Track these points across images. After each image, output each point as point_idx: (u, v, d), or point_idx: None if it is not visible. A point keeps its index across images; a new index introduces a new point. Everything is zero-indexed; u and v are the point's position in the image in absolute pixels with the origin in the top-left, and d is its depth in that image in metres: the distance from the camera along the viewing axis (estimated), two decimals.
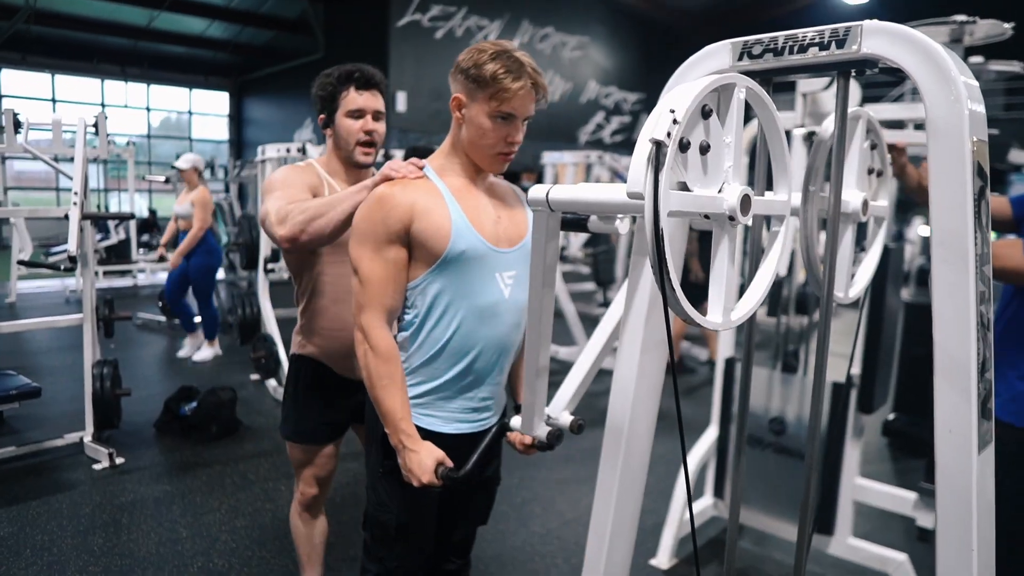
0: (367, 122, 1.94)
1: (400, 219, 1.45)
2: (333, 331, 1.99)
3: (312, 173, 1.96)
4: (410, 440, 1.46)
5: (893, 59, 0.97)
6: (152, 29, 15.08)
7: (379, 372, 1.47)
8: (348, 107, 1.93)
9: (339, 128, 1.95)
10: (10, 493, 3.29)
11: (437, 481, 1.43)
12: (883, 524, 3.17)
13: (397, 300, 1.50)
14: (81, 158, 3.80)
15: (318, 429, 2.08)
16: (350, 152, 1.95)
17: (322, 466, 2.12)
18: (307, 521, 2.21)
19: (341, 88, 1.94)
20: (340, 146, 1.96)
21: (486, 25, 13.49)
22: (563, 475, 3.76)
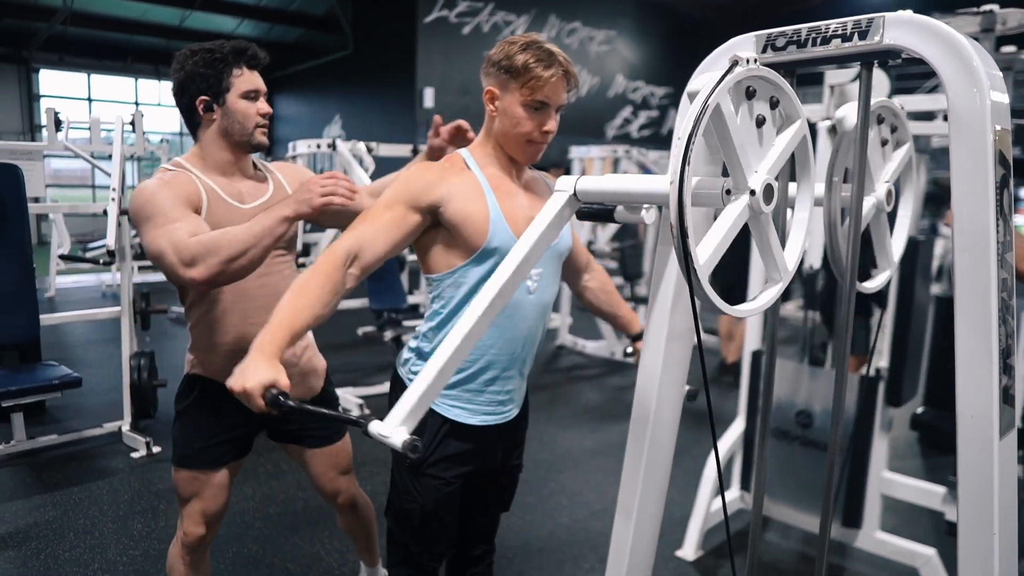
0: (263, 104, 1.78)
1: (427, 189, 1.47)
2: (228, 345, 1.77)
3: (184, 181, 1.69)
4: (270, 346, 1.23)
5: (915, 49, 0.98)
6: (184, 28, 15.32)
7: (299, 280, 1.35)
8: (242, 88, 1.74)
9: (232, 111, 1.73)
10: (53, 479, 3.40)
11: (260, 400, 1.17)
12: (911, 518, 3.15)
13: (375, 247, 1.43)
14: (119, 155, 3.90)
15: (207, 451, 1.84)
16: (249, 135, 1.75)
17: (211, 499, 1.86)
18: (188, 565, 1.93)
19: (232, 66, 1.73)
20: (234, 131, 1.74)
21: (513, 20, 13.49)
22: (590, 467, 3.79)
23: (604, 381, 5.52)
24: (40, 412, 4.26)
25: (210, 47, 1.73)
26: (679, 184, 0.87)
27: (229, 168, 1.78)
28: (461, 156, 1.58)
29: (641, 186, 1.09)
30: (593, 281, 1.88)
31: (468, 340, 1.18)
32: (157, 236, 1.57)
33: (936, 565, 2.58)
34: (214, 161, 1.76)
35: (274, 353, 1.23)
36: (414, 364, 1.61)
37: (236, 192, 1.76)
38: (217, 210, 1.70)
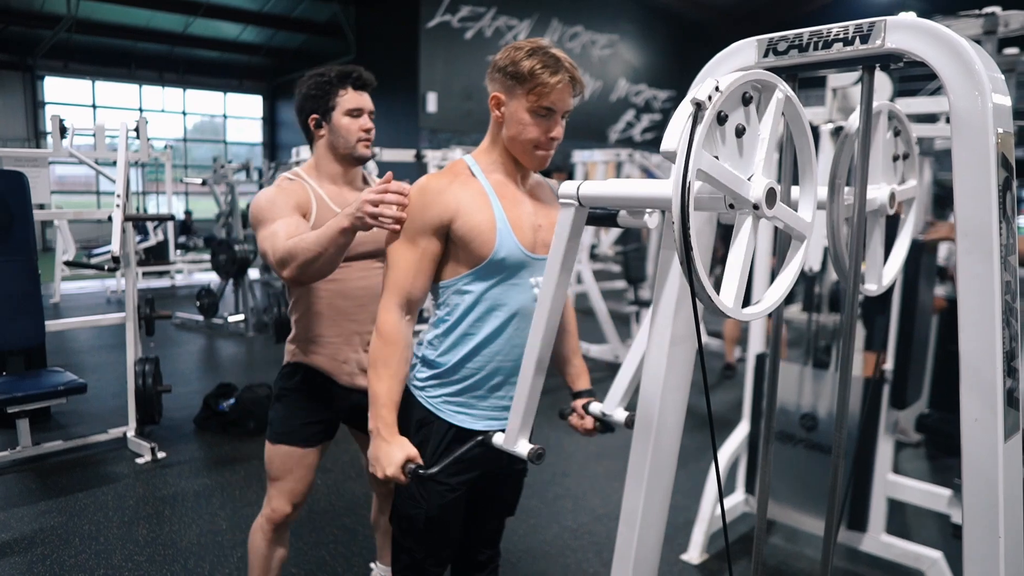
0: (366, 120, 1.97)
1: (439, 214, 1.48)
2: (329, 337, 1.99)
3: (298, 189, 1.93)
4: (387, 430, 1.46)
5: (916, 53, 0.99)
6: (187, 35, 15.39)
7: (375, 354, 1.50)
8: (346, 106, 1.95)
9: (337, 127, 1.95)
10: (58, 485, 3.41)
11: (403, 477, 1.43)
12: (917, 521, 3.14)
13: (419, 289, 1.52)
14: (123, 162, 3.92)
15: (303, 429, 2.02)
16: (352, 148, 1.95)
17: (301, 479, 2.03)
18: (271, 542, 2.09)
19: (339, 87, 1.95)
20: (339, 145, 1.96)
21: (516, 25, 13.52)
22: (595, 471, 3.79)
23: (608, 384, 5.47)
24: (45, 418, 4.27)
25: (322, 72, 1.96)
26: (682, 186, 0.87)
27: (338, 178, 1.99)
28: (465, 163, 1.58)
29: (644, 191, 1.09)
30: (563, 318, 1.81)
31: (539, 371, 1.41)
32: (264, 238, 1.83)
33: (942, 568, 2.57)
34: (325, 172, 1.98)
35: (393, 433, 1.47)
36: (419, 371, 1.61)
37: (342, 200, 1.95)
38: (323, 215, 1.89)
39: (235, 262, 6.43)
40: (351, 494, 3.40)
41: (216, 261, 6.68)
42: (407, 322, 1.52)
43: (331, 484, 3.50)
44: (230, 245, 6.53)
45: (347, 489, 3.46)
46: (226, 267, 6.54)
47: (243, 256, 6.43)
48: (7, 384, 3.34)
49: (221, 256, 6.58)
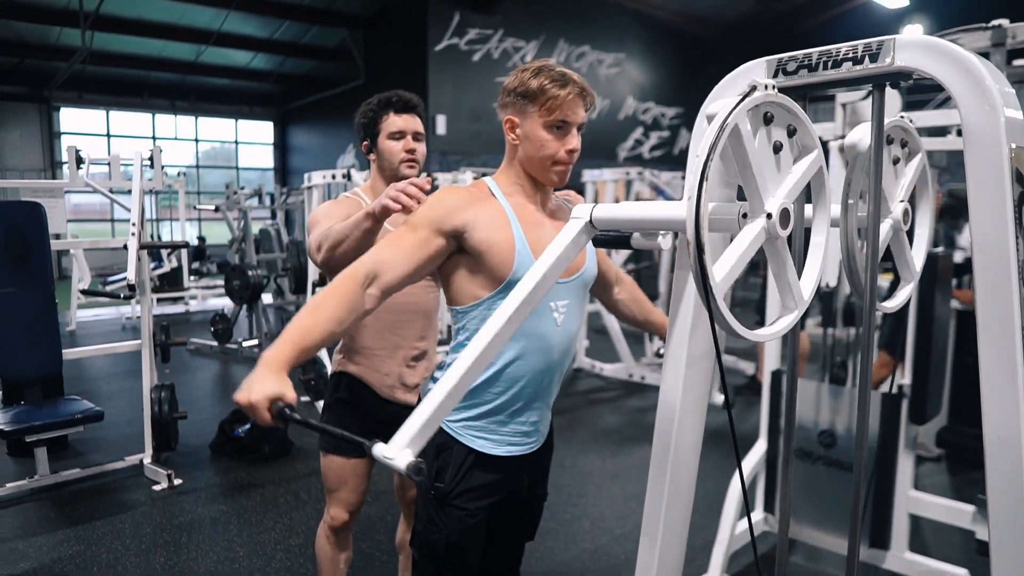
0: (408, 142, 2.06)
1: (449, 214, 1.47)
2: (375, 350, 2.07)
3: (352, 204, 2.04)
4: (275, 362, 1.23)
5: (926, 71, 0.99)
6: (199, 63, 15.60)
7: (314, 298, 1.35)
8: (389, 130, 2.05)
9: (382, 150, 2.06)
10: (76, 513, 3.42)
11: (266, 414, 1.19)
12: (940, 538, 3.09)
13: (395, 266, 1.42)
14: (138, 190, 3.96)
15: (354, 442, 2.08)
16: (395, 168, 2.05)
17: (354, 488, 2.12)
18: (334, 545, 2.20)
19: (381, 113, 2.06)
20: (384, 166, 2.07)
21: (523, 46, 13.63)
22: (611, 490, 3.76)
23: (622, 403, 5.49)
24: (63, 446, 4.29)
25: (369, 101, 2.09)
26: (696, 202, 0.87)
27: None
28: (486, 184, 1.59)
29: (657, 213, 1.10)
30: (623, 293, 1.89)
31: (476, 365, 1.17)
32: (312, 236, 1.95)
33: None
34: (378, 192, 2.04)
35: (280, 367, 1.23)
36: None
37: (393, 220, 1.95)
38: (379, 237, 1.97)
39: (249, 287, 6.47)
40: (366, 518, 3.39)
41: (230, 286, 6.72)
42: (363, 290, 1.38)
43: None
44: (244, 271, 6.57)
45: (363, 513, 3.44)
46: (240, 292, 6.58)
47: (257, 281, 6.47)
48: (26, 413, 3.36)
49: (235, 281, 6.62)
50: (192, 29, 13.87)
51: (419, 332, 2.12)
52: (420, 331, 2.13)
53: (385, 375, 2.08)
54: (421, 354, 2.14)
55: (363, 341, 2.08)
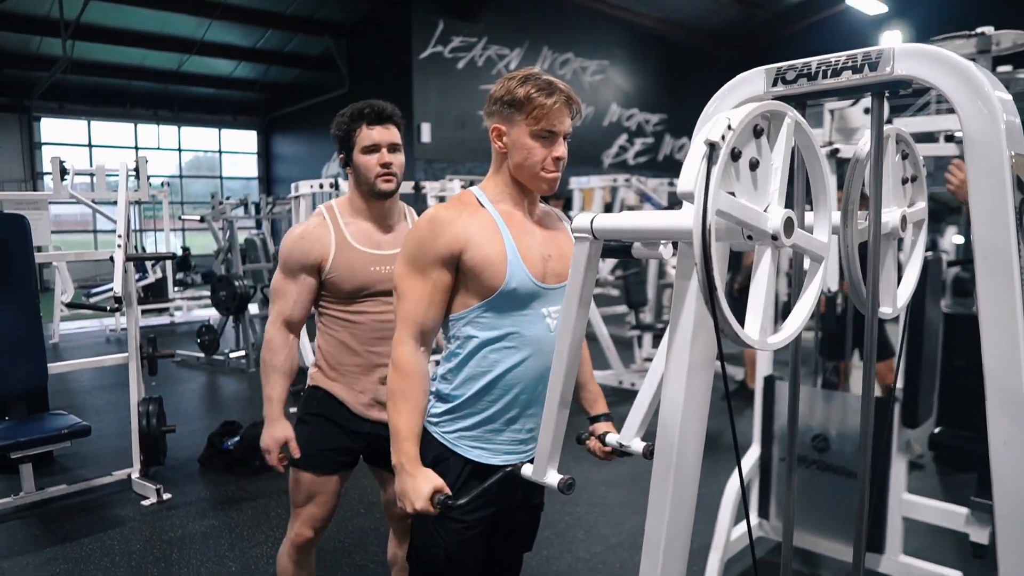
0: (383, 155, 1.98)
1: (449, 245, 1.48)
2: (351, 367, 2.03)
3: (320, 235, 1.98)
4: (410, 463, 1.46)
5: (926, 79, 0.99)
6: (182, 72, 15.52)
7: (393, 387, 1.50)
8: (363, 143, 1.98)
9: (357, 164, 1.99)
10: (63, 531, 3.37)
11: (433, 509, 1.43)
12: (934, 540, 3.11)
13: (432, 320, 1.53)
14: (124, 202, 3.93)
15: (325, 456, 2.05)
16: (371, 183, 1.98)
17: (322, 504, 2.07)
18: (296, 563, 2.14)
19: (354, 126, 1.99)
20: (361, 180, 2.00)
21: (507, 54, 13.67)
22: (605, 499, 3.75)
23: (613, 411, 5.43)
24: (48, 462, 4.23)
25: (343, 112, 2.02)
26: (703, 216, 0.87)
27: (366, 214, 2.04)
28: (473, 194, 1.59)
29: (659, 223, 1.09)
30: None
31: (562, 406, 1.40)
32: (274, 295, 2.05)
33: None
34: (356, 207, 2.04)
35: (417, 466, 1.46)
36: (434, 406, 1.60)
37: (369, 239, 2.01)
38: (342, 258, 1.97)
39: (235, 298, 6.42)
40: (360, 530, 3.36)
41: (216, 297, 6.67)
42: (422, 354, 1.53)
43: (340, 520, 3.45)
44: (230, 281, 6.52)
45: (356, 525, 3.42)
46: (226, 303, 6.53)
47: (243, 292, 6.42)
48: (10, 429, 3.31)
49: (221, 292, 6.57)
50: (175, 38, 13.80)
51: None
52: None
53: (360, 392, 2.03)
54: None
55: (339, 358, 2.04)
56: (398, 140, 2.02)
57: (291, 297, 2.00)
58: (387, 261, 1.99)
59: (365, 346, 2.01)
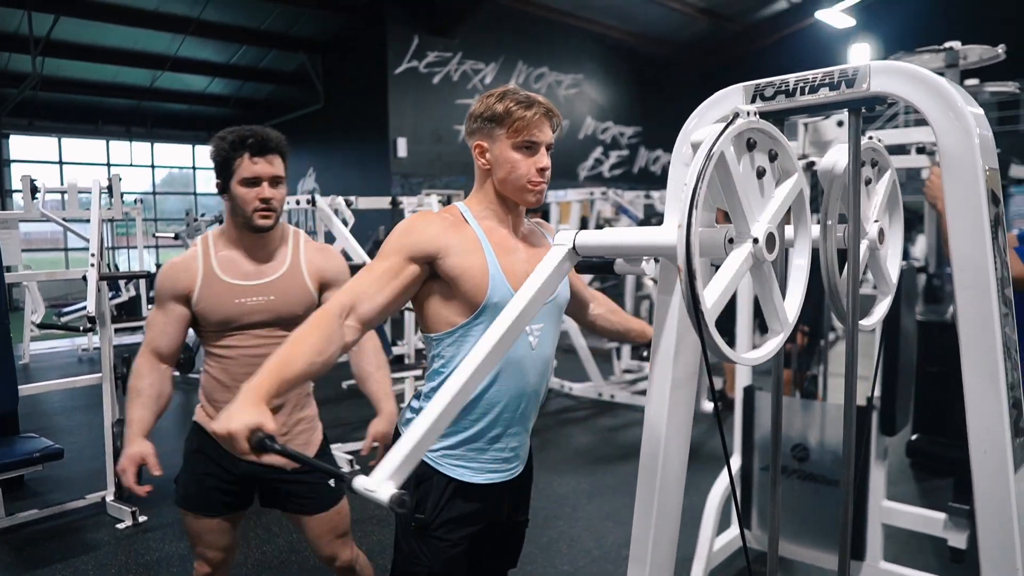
0: (263, 190, 1.86)
1: (420, 242, 1.47)
2: (223, 404, 1.81)
3: (188, 264, 1.90)
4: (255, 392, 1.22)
5: (901, 96, 1.02)
6: (155, 89, 15.37)
7: (295, 332, 1.34)
8: (243, 174, 1.85)
9: (235, 195, 1.86)
10: (35, 556, 3.29)
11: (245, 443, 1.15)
12: (913, 546, 3.14)
13: (372, 297, 1.42)
14: (96, 220, 3.88)
15: (203, 496, 1.97)
16: (248, 217, 1.87)
17: (210, 544, 1.99)
18: None
19: (235, 155, 1.85)
20: (237, 212, 1.88)
21: (482, 68, 13.73)
22: (587, 511, 3.75)
23: (594, 423, 5.49)
24: (19, 486, 4.13)
25: (223, 135, 1.88)
26: (687, 233, 0.88)
27: (239, 245, 1.94)
28: (458, 208, 1.59)
29: (641, 239, 1.10)
30: (599, 308, 1.89)
31: (461, 395, 1.16)
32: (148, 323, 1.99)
33: None
34: (230, 237, 1.95)
35: (261, 397, 1.22)
36: None
37: (239, 270, 1.91)
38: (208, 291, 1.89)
39: None
40: None
41: None
42: (342, 322, 1.37)
43: None
44: None
45: None
46: None
47: None
48: None
49: None
50: (147, 54, 13.67)
51: None
52: None
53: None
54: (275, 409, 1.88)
55: (213, 393, 1.96)
56: (281, 173, 1.91)
57: (158, 327, 1.93)
58: (255, 292, 1.89)
59: (237, 382, 1.82)
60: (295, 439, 2.01)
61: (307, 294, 1.96)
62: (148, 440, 1.88)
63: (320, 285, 1.99)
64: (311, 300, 1.96)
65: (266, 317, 1.90)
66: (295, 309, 1.92)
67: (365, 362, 2.04)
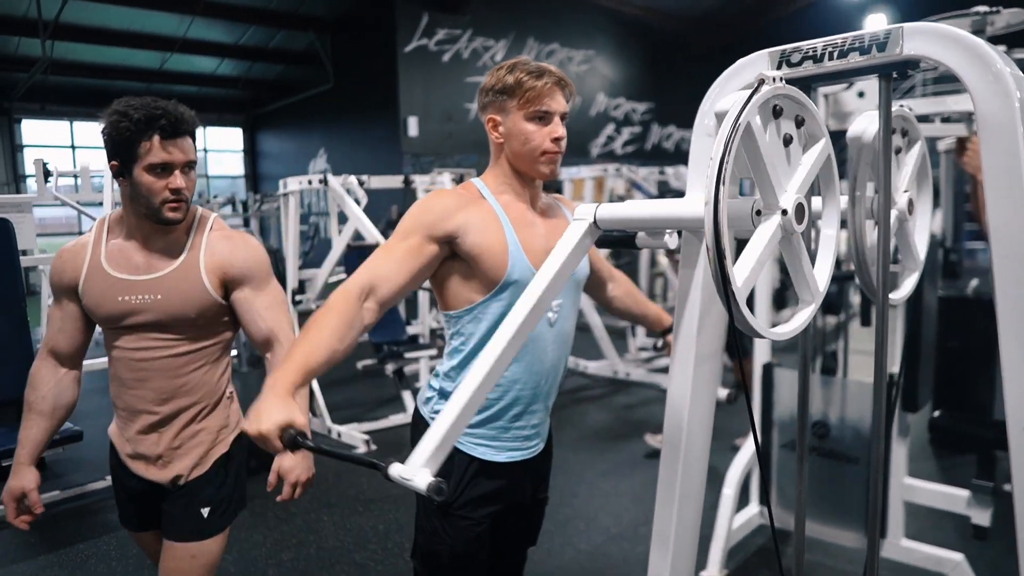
0: (175, 179, 1.59)
1: (438, 220, 1.45)
2: (119, 409, 1.75)
3: (77, 253, 1.68)
4: (282, 386, 1.21)
5: (937, 58, 0.97)
6: (164, 71, 15.34)
7: (313, 317, 1.34)
8: (150, 160, 1.56)
9: (140, 183, 1.57)
10: (57, 537, 3.32)
11: (278, 442, 1.15)
12: (933, 523, 3.11)
13: (386, 279, 1.41)
14: (109, 203, 3.87)
15: (124, 509, 1.85)
16: (156, 210, 1.60)
17: (154, 555, 1.85)
18: None
19: (142, 136, 1.56)
20: (142, 203, 1.60)
21: (492, 45, 13.59)
22: (603, 489, 3.74)
23: (609, 401, 5.47)
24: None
25: (123, 110, 1.57)
26: (714, 206, 0.85)
27: (135, 234, 1.67)
28: (475, 185, 1.56)
29: (665, 211, 1.07)
30: (618, 289, 1.87)
31: (490, 377, 1.15)
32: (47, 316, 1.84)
33: (965, 570, 2.54)
34: (126, 225, 1.68)
35: (287, 392, 1.20)
36: (437, 403, 1.57)
37: (131, 263, 1.66)
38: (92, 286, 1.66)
39: None
40: (359, 528, 3.33)
41: None
42: (362, 305, 1.37)
43: (337, 519, 3.43)
44: None
45: (354, 523, 3.39)
46: None
47: None
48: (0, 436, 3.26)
49: None
50: (156, 36, 13.64)
51: (158, 394, 1.69)
52: (160, 393, 1.69)
53: (127, 441, 1.74)
54: (162, 421, 1.71)
55: (116, 399, 1.74)
56: (194, 157, 1.65)
57: (55, 324, 1.73)
58: (141, 289, 1.63)
59: (125, 388, 1.70)
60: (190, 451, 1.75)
61: (201, 294, 1.66)
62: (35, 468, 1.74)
63: (222, 283, 1.69)
64: (207, 301, 1.67)
65: (151, 318, 1.64)
66: (186, 311, 1.66)
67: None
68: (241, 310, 1.72)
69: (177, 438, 1.73)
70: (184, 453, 1.74)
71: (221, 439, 1.80)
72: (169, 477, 1.73)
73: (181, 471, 1.74)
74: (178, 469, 1.74)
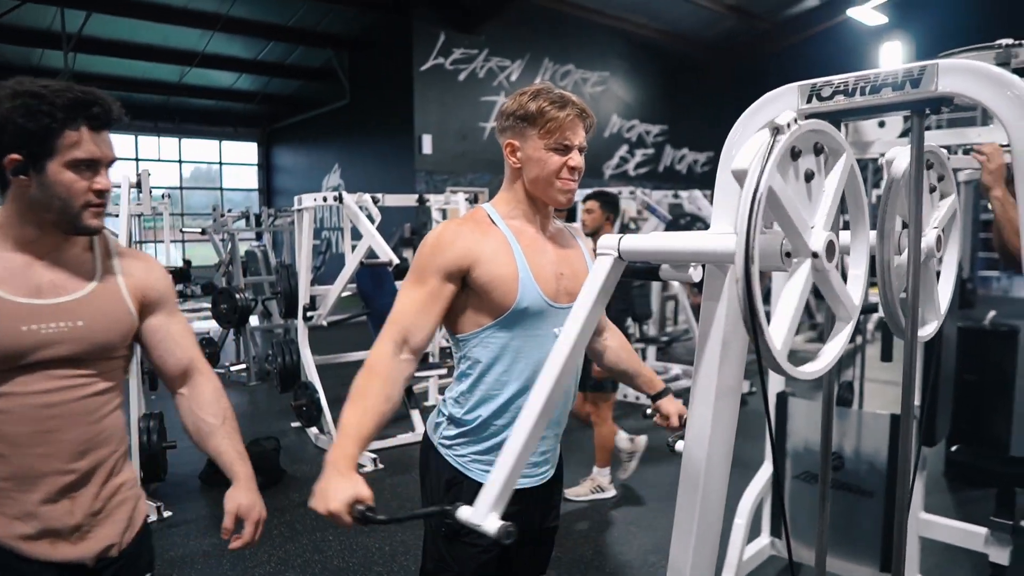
0: (101, 178, 1.32)
1: (454, 258, 1.46)
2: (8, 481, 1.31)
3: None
4: (344, 462, 1.28)
5: (972, 95, 0.96)
6: (183, 84, 15.52)
7: (355, 385, 1.39)
8: (75, 155, 1.28)
9: (53, 182, 1.27)
10: None
11: (347, 517, 1.24)
12: (949, 559, 3.05)
13: (419, 328, 1.45)
14: (126, 215, 3.89)
15: None
16: (74, 216, 1.31)
17: None
18: None
19: (64, 126, 1.26)
20: (52, 205, 1.29)
21: (508, 65, 13.67)
22: (612, 516, 3.70)
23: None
24: None
25: (40, 91, 1.26)
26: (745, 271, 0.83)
27: (28, 247, 1.33)
28: (485, 211, 1.56)
29: (691, 245, 1.06)
30: (613, 340, 1.81)
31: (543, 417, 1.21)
32: None
33: None
34: (13, 236, 1.33)
35: (349, 467, 1.28)
36: (446, 429, 1.56)
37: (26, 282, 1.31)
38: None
39: (237, 311, 6.36)
40: (365, 549, 3.30)
41: (217, 310, 6.61)
42: (400, 359, 1.43)
43: (344, 539, 3.40)
44: (231, 294, 6.47)
45: (361, 544, 3.36)
46: (227, 316, 6.47)
47: (245, 305, 6.37)
48: None
49: (222, 305, 6.52)
50: (176, 50, 13.80)
51: (74, 447, 1.35)
52: (76, 445, 1.36)
53: (16, 520, 1.31)
54: (78, 482, 1.36)
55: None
56: (114, 154, 1.37)
57: None
58: (55, 316, 1.31)
59: (18, 447, 1.30)
60: (114, 512, 1.43)
61: (126, 318, 1.41)
62: None
63: (141, 307, 1.45)
64: (131, 327, 1.43)
65: (68, 350, 1.32)
66: (111, 339, 1.38)
67: (204, 412, 1.54)
68: (156, 338, 1.48)
69: (98, 499, 1.40)
70: (107, 516, 1.42)
71: (140, 493, 1.53)
72: (94, 551, 1.39)
73: (111, 539, 1.42)
74: (107, 538, 1.41)
